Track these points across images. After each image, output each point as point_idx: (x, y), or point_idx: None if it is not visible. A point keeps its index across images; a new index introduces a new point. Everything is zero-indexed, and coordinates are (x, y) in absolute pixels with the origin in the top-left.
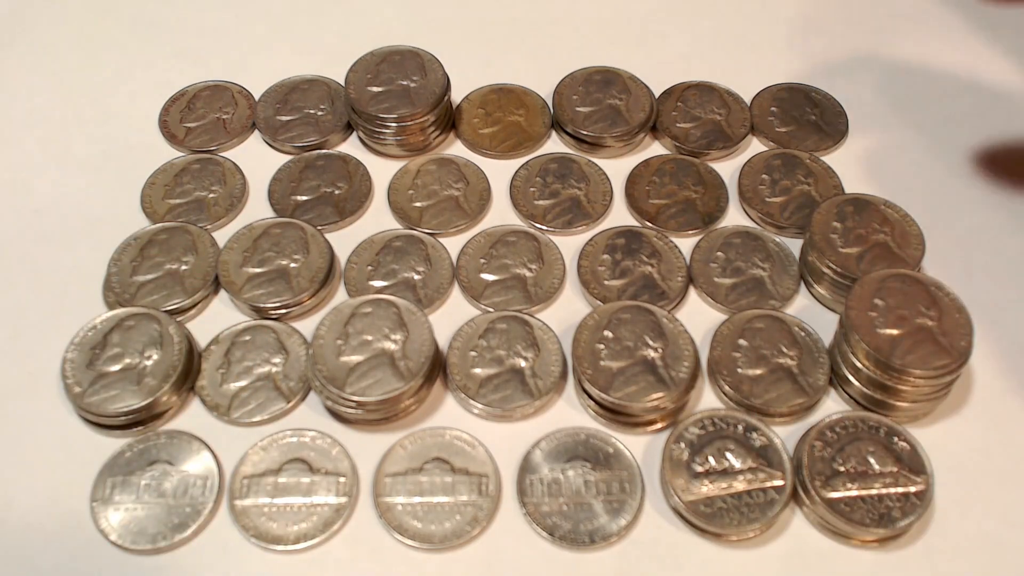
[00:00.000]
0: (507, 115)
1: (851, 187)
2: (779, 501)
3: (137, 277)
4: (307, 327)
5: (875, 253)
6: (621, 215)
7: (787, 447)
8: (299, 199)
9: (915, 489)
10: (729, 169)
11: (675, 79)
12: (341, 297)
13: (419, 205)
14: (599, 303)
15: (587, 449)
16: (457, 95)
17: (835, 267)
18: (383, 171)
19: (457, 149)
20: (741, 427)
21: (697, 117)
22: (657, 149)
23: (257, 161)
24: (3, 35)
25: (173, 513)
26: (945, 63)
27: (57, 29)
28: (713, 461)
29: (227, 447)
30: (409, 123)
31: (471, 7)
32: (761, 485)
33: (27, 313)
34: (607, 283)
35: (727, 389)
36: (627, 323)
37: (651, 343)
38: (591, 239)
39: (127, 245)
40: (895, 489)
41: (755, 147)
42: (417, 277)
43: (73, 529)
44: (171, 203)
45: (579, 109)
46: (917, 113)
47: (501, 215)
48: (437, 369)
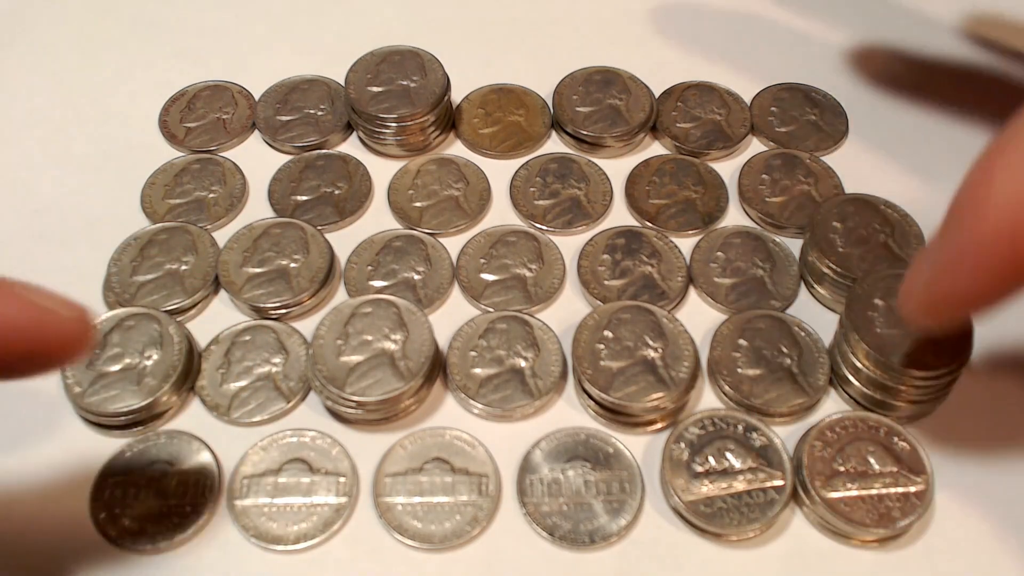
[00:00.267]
0: (507, 115)
1: (851, 187)
2: (779, 501)
3: (137, 277)
4: (307, 327)
5: (875, 253)
6: (621, 215)
7: (787, 447)
8: (299, 199)
9: (915, 489)
10: (729, 169)
11: (675, 79)
12: (341, 297)
13: (419, 205)
14: (599, 303)
15: (587, 449)
16: (457, 95)
17: (835, 267)
18: (383, 171)
19: (457, 149)
20: (741, 427)
21: (697, 117)
22: (657, 149)
23: (257, 161)
24: (3, 35)
25: (173, 513)
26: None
27: (57, 29)
28: (713, 461)
29: (227, 447)
30: (409, 123)
31: (471, 7)
32: (761, 485)
33: None
34: (607, 283)
35: (727, 389)
36: (627, 323)
37: (651, 343)
38: (591, 239)
39: (127, 245)
40: (895, 489)
41: (755, 147)
42: (417, 277)
43: (73, 529)
44: (171, 203)
45: (579, 109)
46: (917, 113)
47: (501, 215)
48: (437, 369)
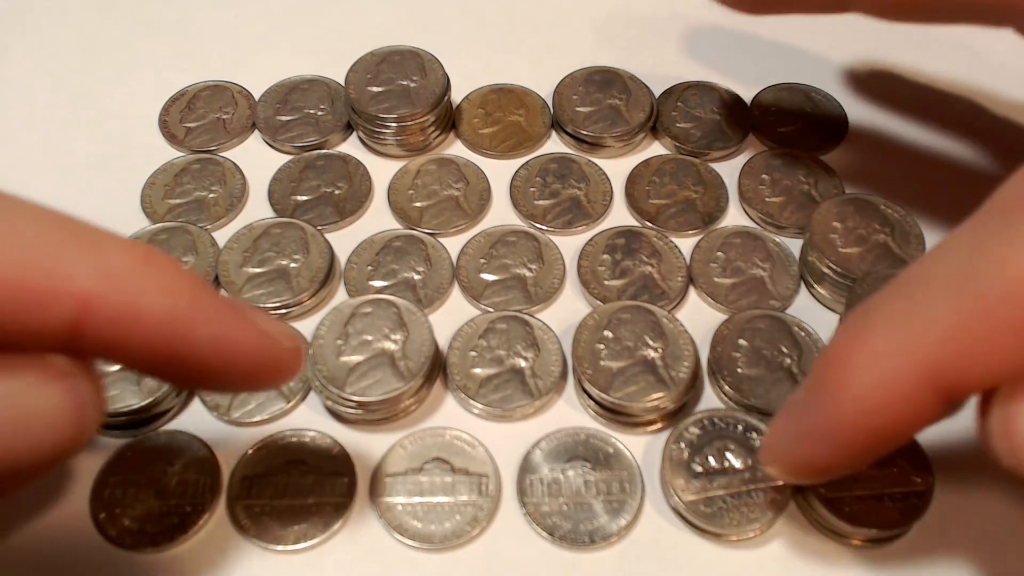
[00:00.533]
0: (507, 115)
1: (851, 187)
2: (779, 501)
3: None
4: (307, 327)
5: (875, 253)
6: (621, 215)
7: None
8: (299, 199)
9: (915, 489)
10: (729, 169)
11: (675, 79)
12: (341, 297)
13: (419, 205)
14: (599, 303)
15: (587, 449)
16: (457, 95)
17: (835, 267)
18: (383, 171)
19: (457, 149)
20: (741, 427)
21: (697, 117)
22: (657, 149)
23: (257, 161)
24: (3, 35)
25: (173, 513)
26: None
27: (57, 29)
28: (713, 461)
29: (227, 447)
30: (409, 123)
31: (471, 7)
32: (761, 485)
33: None
34: (607, 283)
35: (727, 389)
36: (627, 323)
37: (651, 343)
38: (591, 239)
39: None
40: (895, 489)
41: (755, 147)
42: (417, 277)
43: (73, 529)
44: (171, 203)
45: (579, 109)
46: (917, 113)
47: (501, 215)
48: (437, 369)
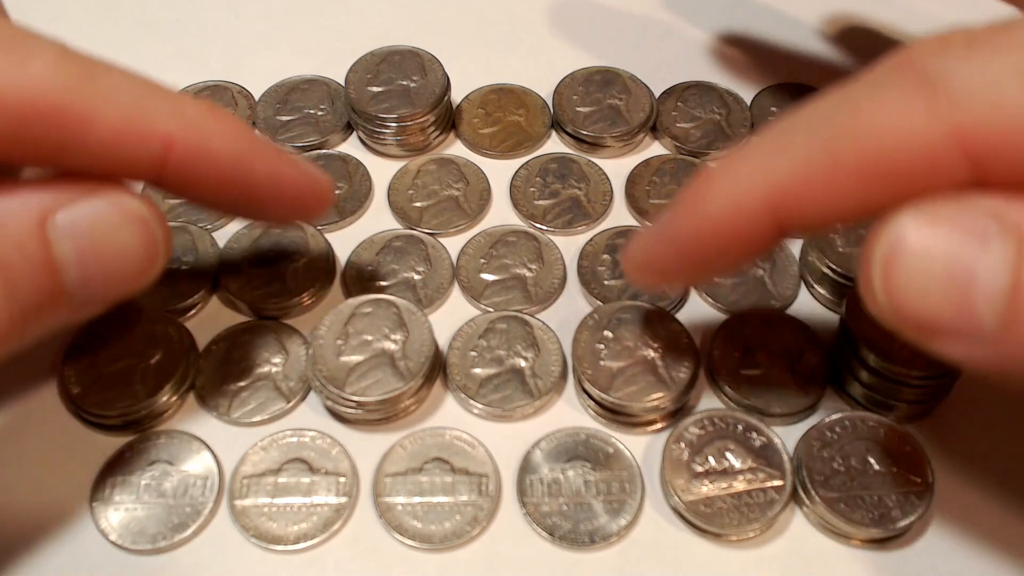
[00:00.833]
0: (507, 115)
1: None
2: (779, 501)
3: None
4: (307, 327)
5: None
6: (621, 215)
7: (787, 447)
8: None
9: (915, 489)
10: None
11: (675, 79)
12: (341, 297)
13: (419, 205)
14: (599, 303)
15: (587, 449)
16: (457, 95)
17: (835, 267)
18: (383, 171)
19: (457, 149)
20: (741, 427)
21: (697, 117)
22: (657, 149)
23: None
24: None
25: (173, 513)
26: None
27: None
28: (713, 461)
29: (227, 447)
30: (409, 123)
31: (471, 7)
32: (761, 485)
33: None
34: (607, 283)
35: (727, 389)
36: (627, 323)
37: (651, 343)
38: (591, 239)
39: None
40: (895, 489)
41: None
42: (417, 277)
43: (73, 529)
44: (171, 203)
45: (579, 109)
46: None
47: (501, 215)
48: (437, 369)
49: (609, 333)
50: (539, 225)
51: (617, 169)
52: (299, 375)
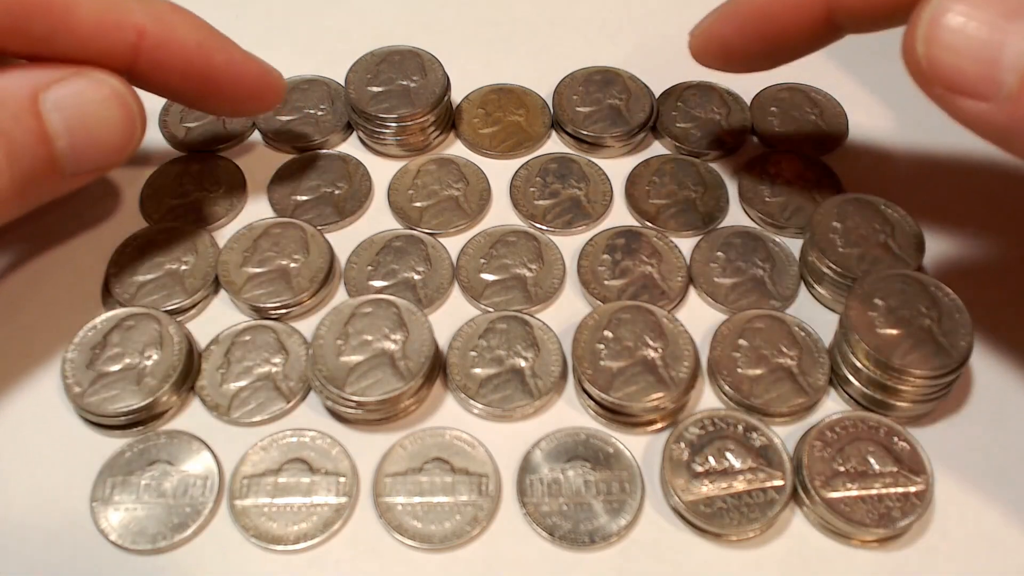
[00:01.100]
0: (507, 115)
1: (851, 187)
2: (779, 501)
3: (137, 277)
4: (307, 327)
5: (875, 253)
6: (621, 215)
7: (787, 447)
8: (299, 199)
9: (915, 489)
10: (729, 169)
11: (675, 79)
12: (341, 297)
13: (419, 205)
14: (599, 303)
15: (587, 449)
16: (457, 95)
17: (835, 267)
18: (383, 171)
19: (457, 149)
20: (741, 427)
21: (697, 117)
22: (657, 149)
23: (257, 161)
24: None
25: (173, 513)
26: None
27: None
28: (713, 461)
29: (227, 447)
30: (409, 123)
31: (471, 7)
32: (761, 485)
33: (27, 313)
34: (607, 283)
35: (727, 389)
36: (627, 323)
37: (651, 343)
38: (591, 239)
39: (127, 245)
40: (895, 489)
41: (755, 147)
42: (417, 277)
43: (73, 529)
44: (171, 203)
45: (579, 109)
46: (918, 113)
47: (501, 215)
48: (437, 369)
49: (609, 333)
50: (539, 225)
51: (617, 169)
52: (299, 375)
